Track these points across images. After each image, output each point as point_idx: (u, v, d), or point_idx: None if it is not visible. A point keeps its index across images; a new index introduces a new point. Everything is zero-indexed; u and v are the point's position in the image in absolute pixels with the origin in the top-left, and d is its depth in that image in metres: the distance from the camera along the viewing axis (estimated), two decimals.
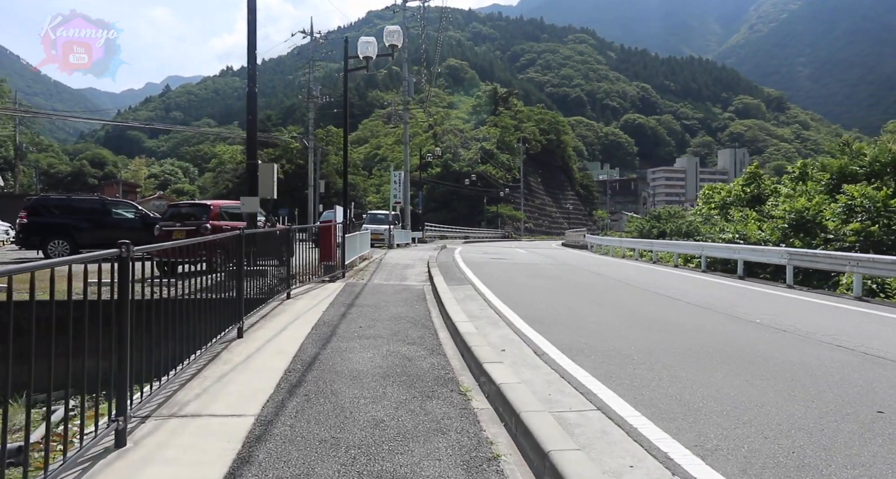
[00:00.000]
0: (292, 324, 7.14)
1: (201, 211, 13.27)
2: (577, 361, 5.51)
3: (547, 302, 9.51)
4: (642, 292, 11.27)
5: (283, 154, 79.74)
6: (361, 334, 6.55)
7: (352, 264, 14.69)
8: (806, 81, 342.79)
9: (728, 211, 19.66)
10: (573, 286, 12.17)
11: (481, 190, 68.46)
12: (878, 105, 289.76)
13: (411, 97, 32.62)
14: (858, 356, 5.93)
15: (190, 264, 5.50)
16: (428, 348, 5.87)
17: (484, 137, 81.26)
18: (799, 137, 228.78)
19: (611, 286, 12.38)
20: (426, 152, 55.57)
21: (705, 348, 6.17)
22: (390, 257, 19.96)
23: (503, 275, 14.27)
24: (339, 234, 13.07)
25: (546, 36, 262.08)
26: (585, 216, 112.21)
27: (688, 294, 10.99)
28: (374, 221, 30.66)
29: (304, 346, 5.90)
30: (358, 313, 8.00)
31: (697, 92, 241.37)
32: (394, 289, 10.69)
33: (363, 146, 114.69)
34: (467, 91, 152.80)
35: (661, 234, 48.56)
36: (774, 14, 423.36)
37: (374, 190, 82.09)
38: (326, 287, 10.87)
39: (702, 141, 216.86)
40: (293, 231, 15.16)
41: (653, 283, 13.09)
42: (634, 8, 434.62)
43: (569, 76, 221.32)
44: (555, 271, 16.20)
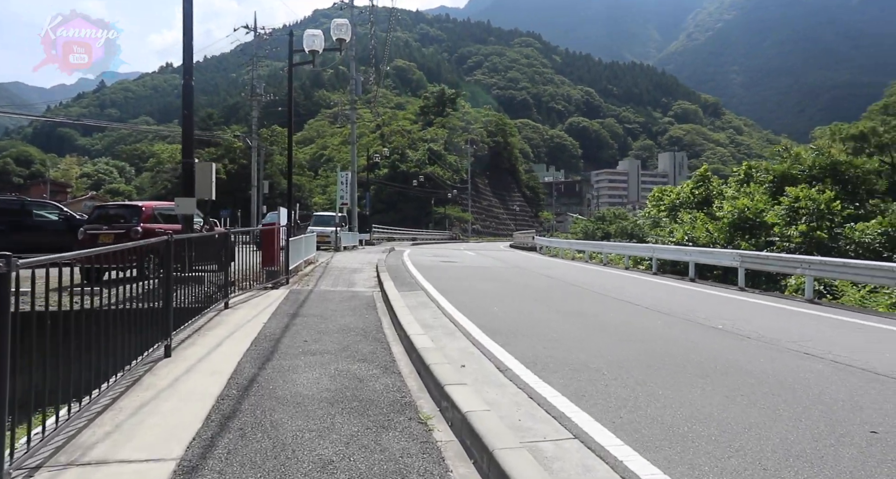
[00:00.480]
0: (229, 338, 6.45)
1: (132, 213, 12.24)
2: (543, 377, 5.08)
3: (503, 309, 9.11)
4: (600, 297, 11.03)
5: (226, 154, 77.19)
6: (307, 349, 5.94)
7: (296, 268, 13.93)
8: (739, 88, 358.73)
9: (677, 213, 19.90)
10: (528, 291, 11.84)
11: (429, 191, 68.04)
12: (805, 112, 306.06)
13: (359, 96, 31.83)
14: (829, 365, 5.74)
15: (118, 270, 4.82)
16: (381, 366, 5.33)
17: (432, 139, 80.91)
18: (733, 141, 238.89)
19: (567, 291, 12.11)
20: (374, 153, 54.72)
21: (675, 359, 5.86)
22: (337, 260, 19.23)
23: (455, 279, 13.82)
24: (282, 237, 12.33)
25: (493, 39, 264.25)
26: (532, 218, 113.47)
27: (645, 298, 10.82)
28: (320, 222, 29.71)
29: (242, 365, 5.25)
30: (303, 324, 7.36)
31: (639, 97, 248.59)
32: (342, 296, 10.07)
33: (309, 146, 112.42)
34: (415, 92, 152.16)
35: (606, 235, 49.42)
36: (710, 23, 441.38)
37: (321, 191, 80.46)
38: (269, 295, 10.14)
39: (643, 144, 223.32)
40: (231, 234, 14.34)
41: (608, 286, 12.91)
42: (578, 14, 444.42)
43: (515, 79, 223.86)
44: (507, 274, 15.88)
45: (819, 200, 14.67)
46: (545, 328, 7.47)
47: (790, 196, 15.66)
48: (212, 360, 5.45)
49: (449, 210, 74.61)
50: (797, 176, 17.59)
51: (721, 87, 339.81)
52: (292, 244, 12.77)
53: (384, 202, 66.16)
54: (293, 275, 13.01)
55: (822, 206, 14.56)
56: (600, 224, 55.07)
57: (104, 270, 5.16)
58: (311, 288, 11.17)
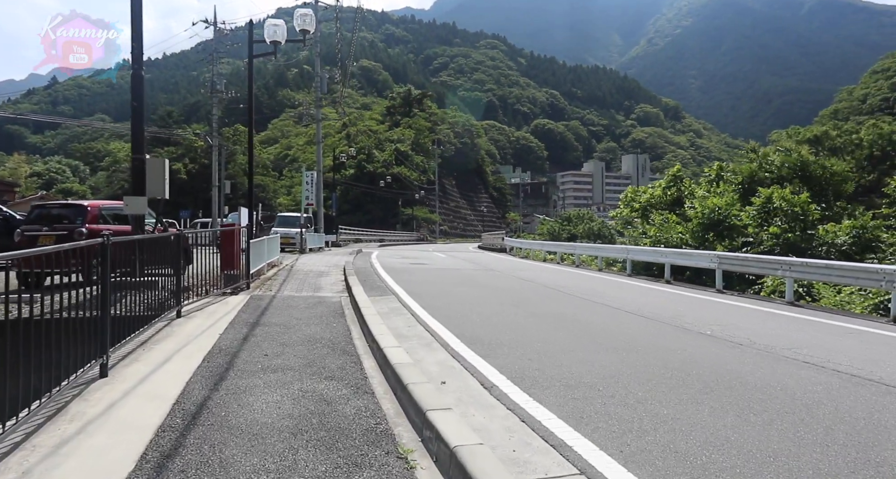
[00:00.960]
0: (179, 353, 5.74)
1: (76, 213, 11.29)
2: (534, 395, 4.55)
3: (481, 315, 8.57)
4: (579, 301, 10.59)
5: (186, 153, 75.10)
6: (267, 365, 5.29)
7: (259, 272, 13.16)
8: (697, 92, 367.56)
9: (649, 214, 19.70)
10: (505, 295, 11.34)
11: (396, 192, 67.25)
12: (758, 117, 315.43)
13: (324, 94, 30.96)
14: (834, 376, 5.37)
15: (61, 275, 4.14)
16: (351, 385, 4.72)
17: (398, 139, 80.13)
18: (693, 144, 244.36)
19: (545, 294, 11.65)
20: (340, 153, 53.70)
21: (672, 371, 5.40)
22: (302, 263, 18.44)
23: (427, 282, 13.25)
24: (243, 239, 11.56)
25: (459, 40, 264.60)
26: (499, 219, 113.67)
27: (626, 301, 10.43)
28: (284, 223, 28.76)
29: (191, 386, 4.58)
30: (264, 335, 6.69)
31: (602, 100, 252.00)
32: (307, 302, 9.38)
33: (273, 146, 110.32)
34: (381, 93, 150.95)
35: (572, 236, 49.58)
36: (669, 29, 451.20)
37: (286, 192, 78.91)
38: (227, 301, 9.39)
39: (607, 146, 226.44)
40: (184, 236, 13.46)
41: (586, 289, 12.51)
42: (542, 17, 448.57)
43: (481, 81, 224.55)
44: (481, 276, 15.38)
45: (796, 201, 14.60)
46: (528, 337, 6.96)
47: (762, 197, 15.56)
48: (156, 380, 4.75)
49: (416, 211, 73.98)
50: (765, 177, 17.56)
51: (680, 91, 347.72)
52: (254, 246, 12.01)
53: (351, 203, 65.14)
54: (255, 279, 12.25)
55: (797, 208, 14.50)
56: (566, 225, 55.33)
57: (44, 275, 4.50)
58: (274, 293, 10.45)
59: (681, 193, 19.95)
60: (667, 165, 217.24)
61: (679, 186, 20.32)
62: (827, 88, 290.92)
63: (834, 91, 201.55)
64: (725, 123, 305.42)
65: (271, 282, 12.35)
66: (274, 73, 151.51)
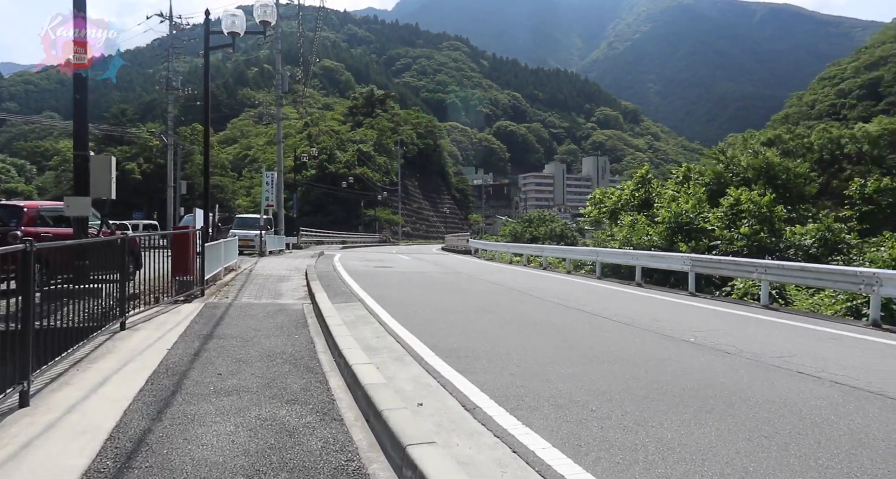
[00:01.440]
0: (119, 373, 5.08)
1: (10, 214, 10.39)
2: (522, 418, 4.09)
3: (454, 323, 8.09)
4: (554, 306, 10.21)
5: (141, 152, 72.62)
6: (220, 386, 4.69)
7: (215, 277, 12.39)
8: (655, 96, 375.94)
9: (618, 216, 19.53)
10: (476, 300, 10.89)
11: (359, 193, 66.27)
12: (714, 121, 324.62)
13: (285, 92, 30.04)
14: (834, 389, 5.07)
15: None
16: (317, 410, 4.17)
17: (361, 139, 79.11)
18: (652, 147, 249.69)
19: (517, 299, 11.24)
20: (301, 153, 52.53)
21: (666, 386, 5.02)
22: (262, 266, 17.65)
23: (394, 287, 12.70)
24: (198, 242, 10.82)
25: (421, 41, 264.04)
26: (461, 220, 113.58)
27: (602, 306, 10.09)
28: (243, 225, 27.76)
29: (129, 416, 3.96)
30: (218, 349, 6.06)
31: (563, 102, 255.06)
32: (266, 310, 8.74)
33: (232, 147, 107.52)
34: (343, 93, 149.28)
35: (534, 238, 49.67)
36: (629, 34, 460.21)
37: (245, 193, 76.93)
38: (180, 310, 8.67)
39: (568, 149, 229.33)
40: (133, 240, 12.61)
41: (558, 293, 12.15)
42: (504, 20, 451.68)
43: (444, 82, 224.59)
44: (449, 280, 14.91)
45: (760, 202, 14.61)
46: (506, 347, 6.50)
47: (730, 198, 15.55)
48: (87, 409, 4.11)
49: (379, 212, 73.12)
50: (731, 178, 17.62)
51: (639, 94, 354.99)
52: (209, 250, 11.26)
53: (312, 204, 63.87)
54: (210, 285, 11.49)
55: (763, 209, 14.50)
56: (528, 227, 55.44)
57: None
58: (231, 301, 9.75)
59: (649, 194, 19.87)
60: (626, 167, 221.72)
61: (647, 188, 20.23)
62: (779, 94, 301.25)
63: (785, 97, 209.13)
64: (682, 126, 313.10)
65: (228, 288, 11.61)
66: (234, 71, 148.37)
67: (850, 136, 61.82)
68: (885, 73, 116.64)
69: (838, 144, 63.89)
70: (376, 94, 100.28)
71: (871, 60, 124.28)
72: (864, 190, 18.87)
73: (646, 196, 19.79)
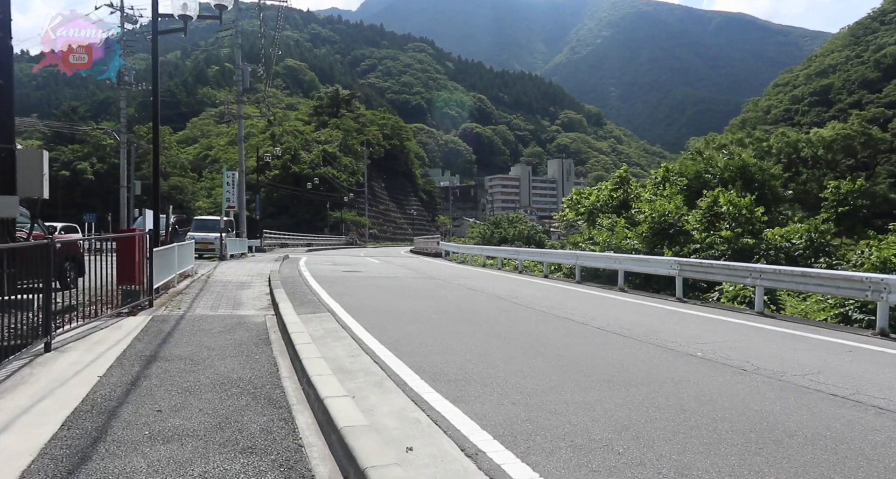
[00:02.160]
0: (28, 414, 4.08)
1: None
2: (539, 467, 3.28)
3: (436, 338, 7.25)
4: (541, 316, 9.44)
5: (94, 151, 69.87)
6: (158, 429, 3.75)
7: (167, 284, 11.29)
8: (616, 100, 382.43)
9: (595, 218, 18.91)
10: (456, 309, 10.07)
11: (324, 195, 64.79)
12: (673, 125, 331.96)
13: (246, 89, 28.70)
14: (885, 418, 4.40)
15: None
16: (280, 463, 3.28)
17: (326, 140, 77.55)
18: (615, 150, 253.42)
19: (500, 307, 10.44)
20: (264, 153, 50.92)
21: (693, 417, 4.27)
22: (222, 272, 16.49)
23: (365, 294, 11.78)
24: (147, 246, 9.73)
25: (386, 43, 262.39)
26: (429, 222, 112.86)
27: (590, 315, 9.38)
28: (202, 227, 26.37)
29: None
30: (161, 376, 5.09)
31: (528, 105, 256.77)
32: (223, 324, 7.74)
33: (192, 146, 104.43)
34: (307, 93, 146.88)
35: (504, 239, 49.27)
36: (591, 39, 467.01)
37: (206, 194, 74.60)
38: (122, 325, 7.61)
39: (533, 151, 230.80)
40: (72, 244, 11.49)
41: (541, 300, 11.42)
42: (468, 23, 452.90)
43: (409, 83, 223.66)
44: (423, 286, 14.05)
45: (742, 204, 14.19)
46: (501, 367, 5.69)
47: (707, 199, 15.12)
48: None
49: (345, 214, 71.77)
50: (709, 179, 17.25)
51: (601, 98, 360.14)
52: (161, 255, 10.17)
53: (276, 206, 62.17)
54: (162, 294, 10.40)
55: (743, 210, 14.08)
56: (497, 229, 55.00)
57: None
58: (183, 312, 8.71)
59: (627, 195, 19.33)
60: (590, 169, 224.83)
61: (626, 189, 19.66)
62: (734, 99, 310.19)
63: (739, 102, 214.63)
64: (643, 130, 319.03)
65: (182, 297, 10.53)
66: (193, 69, 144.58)
67: (807, 140, 63.40)
68: (835, 80, 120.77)
69: (795, 148, 65.40)
70: (342, 94, 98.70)
71: (821, 68, 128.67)
72: (839, 191, 18.75)
73: (623, 197, 19.26)
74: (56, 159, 65.19)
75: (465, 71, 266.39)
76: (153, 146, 11.77)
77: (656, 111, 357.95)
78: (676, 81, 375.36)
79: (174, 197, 67.07)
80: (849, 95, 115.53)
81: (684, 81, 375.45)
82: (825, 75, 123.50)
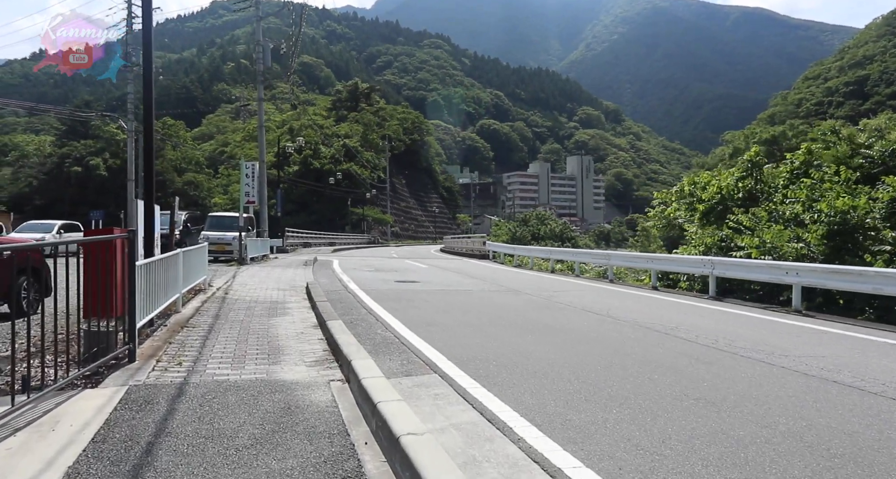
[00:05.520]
0: None
1: None
2: None
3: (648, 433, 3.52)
4: (802, 381, 5.66)
5: (107, 147, 67.05)
6: None
7: (168, 310, 7.69)
8: (632, 97, 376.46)
9: (726, 214, 14.45)
10: (632, 360, 6.33)
11: (345, 191, 61.30)
12: (690, 122, 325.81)
13: (267, 66, 25.07)
14: None
15: None
16: None
17: (346, 134, 74.08)
18: (633, 146, 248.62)
19: (690, 354, 6.63)
20: (285, 144, 47.44)
21: None
22: (243, 282, 12.90)
23: (458, 325, 8.00)
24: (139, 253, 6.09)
25: (402, 39, 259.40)
26: (450, 220, 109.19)
27: (809, 358, 5.58)
28: (218, 226, 22.85)
29: None
30: None
31: (545, 101, 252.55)
32: (258, 414, 4.03)
33: (208, 143, 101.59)
34: (323, 90, 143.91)
35: (535, 237, 45.70)
36: (606, 35, 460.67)
37: (222, 191, 71.52)
38: (61, 416, 3.95)
39: (551, 148, 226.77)
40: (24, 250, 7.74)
41: (712, 330, 7.62)
42: (480, 20, 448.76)
43: (426, 80, 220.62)
44: (518, 305, 10.25)
45: None
46: None
47: (889, 189, 11.22)
48: None
49: (367, 211, 68.22)
50: (861, 165, 13.31)
51: (617, 95, 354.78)
52: (152, 271, 6.52)
53: (295, 203, 58.72)
54: (156, 328, 6.78)
55: None
56: (524, 227, 51.40)
57: None
58: (184, 377, 5.00)
59: (758, 184, 14.99)
60: (609, 166, 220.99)
61: (758, 176, 15.29)
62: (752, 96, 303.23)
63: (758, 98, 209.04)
64: (660, 127, 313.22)
65: (187, 333, 6.84)
66: (209, 66, 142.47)
67: None
68: (871, 71, 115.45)
69: None
70: (361, 87, 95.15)
71: (854, 60, 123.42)
72: None
73: (753, 187, 14.94)
74: (68, 155, 62.73)
75: (482, 67, 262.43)
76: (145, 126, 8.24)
77: (672, 108, 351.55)
78: (693, 77, 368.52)
79: (189, 193, 64.07)
80: (887, 86, 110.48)
81: (701, 77, 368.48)
82: (860, 67, 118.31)
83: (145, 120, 8.40)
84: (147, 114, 8.19)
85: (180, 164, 70.26)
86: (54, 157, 63.47)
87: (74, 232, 23.82)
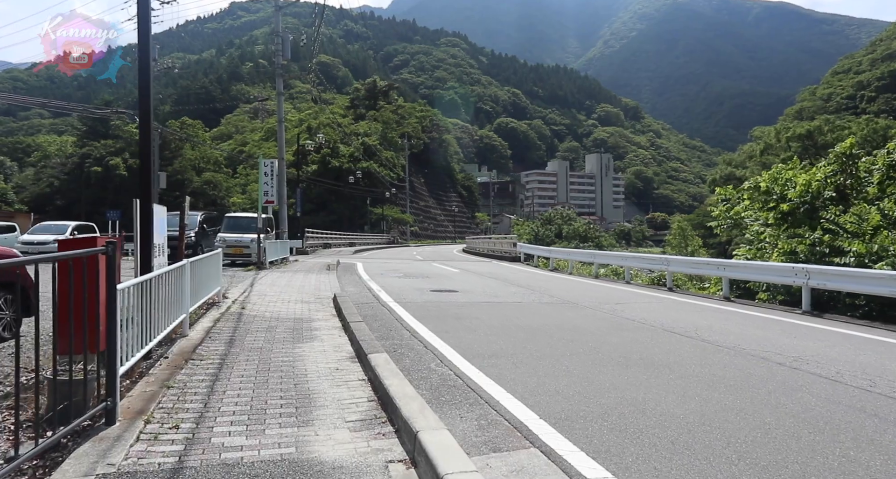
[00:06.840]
0: None
1: None
2: None
3: None
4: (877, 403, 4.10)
5: (127, 147, 66.63)
6: None
7: (171, 335, 6.29)
8: (652, 94, 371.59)
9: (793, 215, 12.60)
10: (721, 392, 4.81)
11: (364, 190, 60.05)
12: (711, 118, 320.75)
13: (286, 59, 23.77)
14: None
15: None
16: None
17: (365, 133, 72.85)
18: (653, 144, 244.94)
19: (810, 392, 5.13)
20: (305, 141, 46.25)
21: None
22: (261, 292, 11.50)
23: (530, 356, 6.54)
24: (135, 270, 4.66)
25: (419, 38, 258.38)
26: (469, 219, 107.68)
27: None
28: (235, 227, 21.60)
29: None
30: None
31: (563, 99, 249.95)
32: None
33: (227, 143, 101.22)
34: (340, 89, 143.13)
35: (559, 235, 44.44)
36: (625, 32, 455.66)
37: (240, 190, 70.87)
38: None
39: (569, 146, 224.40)
40: None
41: (833, 360, 6.08)
42: (497, 18, 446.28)
43: (443, 78, 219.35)
44: (581, 323, 8.75)
45: None
46: None
47: None
48: None
49: (387, 211, 66.92)
50: None
51: (636, 92, 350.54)
52: (143, 292, 5.11)
53: (314, 202, 57.62)
54: (154, 364, 5.36)
55: None
56: (547, 226, 49.91)
57: None
58: (178, 459, 3.56)
59: (857, 180, 13.08)
60: (629, 164, 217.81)
61: (851, 171, 13.32)
62: (776, 92, 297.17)
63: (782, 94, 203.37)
64: (680, 124, 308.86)
65: (191, 371, 5.39)
66: (228, 67, 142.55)
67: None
68: None
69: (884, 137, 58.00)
70: (379, 85, 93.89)
71: (888, 52, 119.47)
72: None
73: (844, 183, 13.01)
74: (89, 155, 62.44)
75: (499, 65, 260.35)
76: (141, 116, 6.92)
77: (693, 105, 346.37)
78: (714, 73, 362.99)
79: (208, 193, 63.35)
80: None
81: (722, 73, 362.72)
82: (893, 59, 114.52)
83: (141, 120, 7.06)
84: (144, 114, 6.85)
85: (199, 163, 69.66)
86: (75, 157, 63.18)
87: (89, 233, 22.93)
